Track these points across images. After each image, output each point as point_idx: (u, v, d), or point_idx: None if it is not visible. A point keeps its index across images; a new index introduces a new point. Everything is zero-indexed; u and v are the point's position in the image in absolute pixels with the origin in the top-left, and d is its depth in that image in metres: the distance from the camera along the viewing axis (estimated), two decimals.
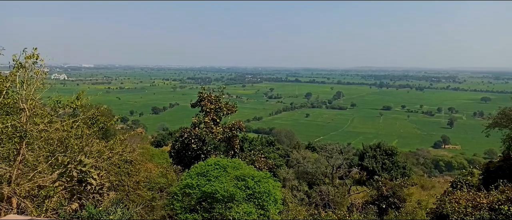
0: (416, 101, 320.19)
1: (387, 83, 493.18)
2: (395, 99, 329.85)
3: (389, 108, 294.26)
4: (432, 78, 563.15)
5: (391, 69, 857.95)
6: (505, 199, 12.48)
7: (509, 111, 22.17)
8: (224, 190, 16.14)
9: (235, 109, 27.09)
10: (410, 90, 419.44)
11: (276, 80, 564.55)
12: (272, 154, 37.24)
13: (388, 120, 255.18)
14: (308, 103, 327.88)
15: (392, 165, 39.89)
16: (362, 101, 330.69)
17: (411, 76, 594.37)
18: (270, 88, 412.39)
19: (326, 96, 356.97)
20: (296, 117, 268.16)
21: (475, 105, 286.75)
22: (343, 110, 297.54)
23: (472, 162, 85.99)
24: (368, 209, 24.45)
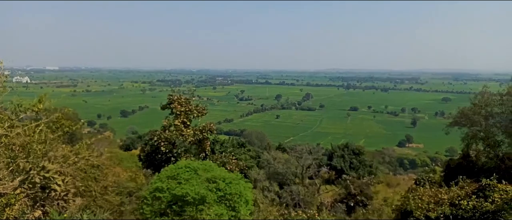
0: (381, 101, 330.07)
1: (353, 84, 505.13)
2: (362, 100, 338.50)
3: (356, 109, 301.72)
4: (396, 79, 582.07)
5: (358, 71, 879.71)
6: (464, 195, 13.16)
7: (468, 110, 23.32)
8: (195, 192, 16.00)
9: (206, 112, 26.91)
10: (376, 91, 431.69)
11: (247, 82, 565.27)
12: (243, 156, 37.33)
13: (355, 120, 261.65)
14: (278, 104, 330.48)
15: (360, 164, 41.01)
16: (330, 102, 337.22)
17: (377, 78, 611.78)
18: (240, 90, 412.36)
19: (295, 97, 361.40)
20: (267, 119, 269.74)
21: (436, 105, 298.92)
22: (312, 111, 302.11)
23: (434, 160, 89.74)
24: (337, 208, 25.03)
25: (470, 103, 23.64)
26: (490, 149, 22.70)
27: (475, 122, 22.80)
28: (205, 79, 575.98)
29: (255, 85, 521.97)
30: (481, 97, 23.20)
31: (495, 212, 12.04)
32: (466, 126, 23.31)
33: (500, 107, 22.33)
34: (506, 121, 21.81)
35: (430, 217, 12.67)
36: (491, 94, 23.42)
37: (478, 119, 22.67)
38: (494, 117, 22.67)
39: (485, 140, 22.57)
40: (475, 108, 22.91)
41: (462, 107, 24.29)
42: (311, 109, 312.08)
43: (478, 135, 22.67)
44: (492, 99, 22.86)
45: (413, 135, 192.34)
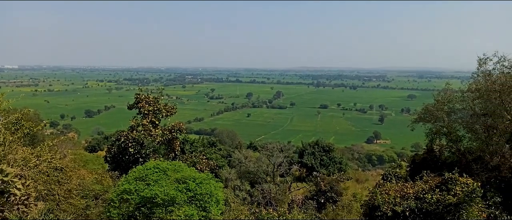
0: (350, 99, 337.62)
1: (323, 82, 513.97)
2: (331, 98, 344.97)
3: (326, 106, 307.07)
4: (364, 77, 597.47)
5: (327, 69, 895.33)
6: (428, 188, 13.63)
7: (431, 107, 24.10)
8: (164, 193, 15.72)
9: (175, 111, 26.46)
10: (345, 89, 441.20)
11: (217, 80, 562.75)
12: (214, 155, 37.03)
13: (325, 118, 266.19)
14: (249, 103, 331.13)
15: (330, 161, 41.61)
16: (300, 100, 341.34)
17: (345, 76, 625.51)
18: (211, 89, 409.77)
19: (266, 96, 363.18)
20: (238, 117, 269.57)
21: (402, 102, 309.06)
22: (283, 109, 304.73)
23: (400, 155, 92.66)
24: (308, 205, 25.28)
25: (433, 99, 24.47)
26: (452, 144, 23.59)
27: (438, 118, 23.61)
28: (174, 78, 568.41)
29: (226, 83, 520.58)
30: (443, 94, 24.03)
31: (457, 204, 12.54)
32: (430, 122, 24.08)
33: (461, 103, 23.23)
34: (467, 117, 22.72)
35: (397, 211, 13.03)
36: (453, 91, 24.31)
37: (441, 115, 23.49)
38: (456, 113, 23.56)
39: (448, 135, 23.42)
40: (438, 105, 23.72)
41: (426, 104, 25.08)
42: (282, 107, 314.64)
43: (441, 130, 23.50)
44: (454, 95, 23.74)
45: (380, 132, 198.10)
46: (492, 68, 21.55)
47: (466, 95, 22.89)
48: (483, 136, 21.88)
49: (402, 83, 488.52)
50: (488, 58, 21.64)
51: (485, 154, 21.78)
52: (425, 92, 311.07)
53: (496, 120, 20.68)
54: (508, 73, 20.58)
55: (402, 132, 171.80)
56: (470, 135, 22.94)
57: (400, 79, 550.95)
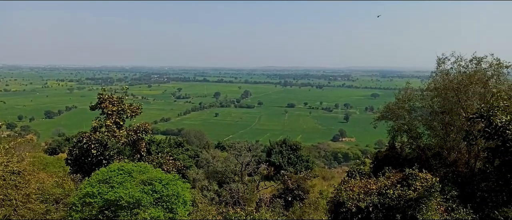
0: (316, 98, 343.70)
1: (290, 82, 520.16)
2: (298, 97, 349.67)
3: (293, 105, 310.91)
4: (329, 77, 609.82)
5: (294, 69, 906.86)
6: (390, 184, 14.14)
7: (393, 105, 25.04)
8: (129, 196, 15.35)
9: (140, 111, 25.86)
10: (311, 88, 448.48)
11: (184, 80, 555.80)
12: (181, 156, 36.54)
13: (292, 117, 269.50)
14: (217, 102, 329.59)
15: (297, 159, 42.11)
16: (268, 100, 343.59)
17: (312, 75, 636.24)
18: (178, 88, 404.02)
19: (234, 95, 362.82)
20: (205, 117, 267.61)
21: (366, 100, 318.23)
22: (251, 109, 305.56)
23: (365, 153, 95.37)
24: (275, 203, 25.50)
25: (394, 98, 25.43)
26: (413, 141, 24.61)
27: (400, 116, 24.57)
28: (139, 77, 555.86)
29: (193, 83, 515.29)
30: (404, 93, 25.05)
31: (417, 199, 13.09)
32: (391, 120, 25.01)
33: (421, 101, 24.29)
34: (427, 115, 23.79)
35: (360, 207, 13.42)
36: (413, 89, 25.39)
37: (402, 113, 24.45)
38: (416, 111, 24.60)
39: (409, 132, 24.41)
40: (399, 103, 24.69)
41: (388, 103, 26.01)
42: (249, 106, 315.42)
43: (402, 128, 24.46)
44: (414, 94, 24.80)
45: (346, 130, 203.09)
46: (449, 68, 22.67)
47: (425, 94, 23.94)
48: (441, 133, 22.95)
49: (366, 82, 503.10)
50: (446, 58, 22.74)
51: (443, 150, 22.87)
52: (387, 91, 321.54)
53: (453, 117, 21.75)
54: (465, 72, 21.69)
55: (366, 130, 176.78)
56: (429, 132, 24.01)
57: (364, 79, 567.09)
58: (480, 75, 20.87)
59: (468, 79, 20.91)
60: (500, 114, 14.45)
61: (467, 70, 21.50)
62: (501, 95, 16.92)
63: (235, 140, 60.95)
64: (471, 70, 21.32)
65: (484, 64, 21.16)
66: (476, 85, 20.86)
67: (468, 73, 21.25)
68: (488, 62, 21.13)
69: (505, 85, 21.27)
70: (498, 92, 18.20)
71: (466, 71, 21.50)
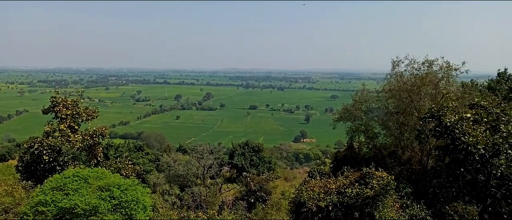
0: (278, 100, 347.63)
1: (252, 84, 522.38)
2: (260, 99, 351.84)
3: (255, 107, 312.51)
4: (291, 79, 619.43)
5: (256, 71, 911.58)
6: (349, 183, 14.57)
7: (350, 107, 25.88)
8: (85, 203, 14.75)
9: (97, 114, 24.90)
10: (273, 90, 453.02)
11: (144, 82, 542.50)
12: (141, 160, 35.66)
13: (254, 118, 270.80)
14: (178, 105, 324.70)
15: (259, 160, 42.34)
16: (230, 102, 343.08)
17: (273, 77, 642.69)
18: (137, 91, 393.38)
19: (196, 97, 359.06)
20: (166, 120, 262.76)
21: (326, 102, 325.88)
22: (213, 111, 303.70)
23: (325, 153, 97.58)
24: (238, 205, 25.46)
25: (352, 100, 26.30)
26: (369, 141, 25.54)
27: (357, 117, 25.44)
28: (96, 79, 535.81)
29: (153, 85, 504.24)
30: (361, 94, 25.97)
31: (374, 197, 13.58)
32: (349, 120, 25.85)
33: (377, 102, 25.29)
34: (382, 115, 24.78)
35: (320, 206, 13.71)
36: (369, 91, 26.38)
37: (359, 114, 25.33)
38: (373, 112, 25.57)
39: (366, 132, 25.32)
40: (356, 104, 25.57)
41: (346, 104, 26.85)
42: (211, 108, 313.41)
43: (359, 128, 25.33)
44: (370, 96, 25.77)
45: (307, 131, 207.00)
46: (403, 70, 23.76)
47: (381, 95, 24.93)
48: (396, 133, 23.97)
49: (326, 84, 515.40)
50: (400, 61, 23.80)
51: (398, 149, 23.90)
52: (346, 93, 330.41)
53: (407, 117, 22.79)
54: (417, 74, 22.80)
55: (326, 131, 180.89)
56: (385, 132, 25.01)
57: (324, 80, 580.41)
58: (431, 77, 22.00)
59: (421, 81, 21.99)
60: (449, 114, 15.29)
61: (420, 72, 22.61)
62: (450, 96, 17.95)
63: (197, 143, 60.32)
64: (423, 72, 22.44)
65: (435, 66, 22.35)
66: (428, 87, 21.98)
67: (420, 75, 22.35)
68: (438, 64, 22.34)
69: (454, 86, 22.59)
70: (448, 93, 19.32)
71: (419, 73, 22.61)
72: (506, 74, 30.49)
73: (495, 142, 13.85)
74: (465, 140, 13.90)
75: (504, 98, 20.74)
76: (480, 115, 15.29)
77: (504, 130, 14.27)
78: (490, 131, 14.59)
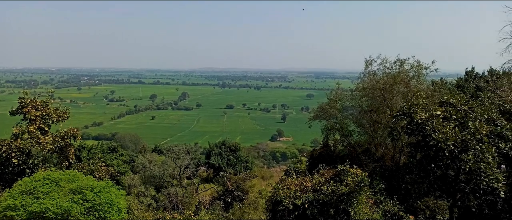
0: (255, 99, 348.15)
1: (229, 83, 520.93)
2: (237, 98, 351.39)
3: (232, 106, 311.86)
4: (267, 78, 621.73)
5: (232, 70, 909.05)
6: (324, 181, 14.78)
7: (325, 105, 26.31)
8: (56, 207, 14.32)
9: (68, 115, 24.18)
10: (250, 89, 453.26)
11: (118, 82, 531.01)
12: (115, 161, 34.97)
13: (231, 118, 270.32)
14: (154, 105, 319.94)
15: (236, 160, 42.33)
16: (207, 101, 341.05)
17: (250, 77, 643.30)
18: (110, 91, 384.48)
19: (171, 97, 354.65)
20: (141, 120, 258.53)
21: (302, 101, 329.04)
22: (189, 111, 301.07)
23: (301, 151, 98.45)
24: (215, 205, 25.37)
25: (327, 98, 26.73)
26: (344, 139, 26.04)
27: (332, 115, 25.89)
28: (67, 79, 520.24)
29: (127, 85, 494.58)
30: (335, 93, 26.45)
31: (349, 193, 13.84)
32: (325, 119, 26.29)
33: (351, 101, 25.81)
34: (356, 113, 25.30)
35: (297, 204, 13.86)
36: (344, 90, 26.89)
37: (334, 112, 25.78)
38: (347, 110, 26.08)
39: (341, 130, 25.80)
40: (331, 103, 26.02)
41: (321, 103, 27.28)
42: (188, 108, 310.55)
43: (334, 126, 25.80)
44: (344, 94, 26.27)
45: (283, 129, 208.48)
46: (376, 69, 24.35)
47: (354, 94, 25.45)
48: (370, 130, 24.53)
49: (302, 83, 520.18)
50: (373, 60, 24.36)
51: (371, 146, 24.45)
52: (321, 91, 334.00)
53: (380, 115, 23.35)
54: (389, 73, 23.40)
55: (302, 129, 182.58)
56: (359, 130, 25.56)
57: (299, 80, 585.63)
58: (403, 75, 22.64)
59: (392, 79, 22.59)
60: (420, 111, 15.74)
61: (392, 71, 23.23)
62: (421, 94, 18.49)
63: (173, 143, 59.70)
64: (395, 71, 23.07)
65: (406, 65, 23.01)
66: (400, 85, 22.61)
67: (392, 74, 22.96)
68: (409, 63, 23.02)
69: (425, 85, 23.35)
70: (418, 91, 19.91)
71: (391, 72, 23.23)
72: (473, 73, 31.74)
73: (464, 138, 14.35)
74: (435, 137, 14.33)
75: (472, 96, 21.56)
76: (449, 113, 15.81)
77: (472, 127, 14.80)
78: (459, 127, 15.11)
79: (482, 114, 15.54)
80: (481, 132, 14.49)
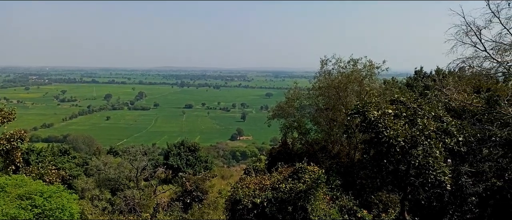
0: (214, 98, 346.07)
1: (187, 82, 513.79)
2: (196, 98, 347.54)
3: (191, 106, 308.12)
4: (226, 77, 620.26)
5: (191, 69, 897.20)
6: (283, 179, 15.01)
7: (283, 104, 26.76)
8: (2, 213, 13.47)
9: (14, 116, 22.75)
10: (209, 88, 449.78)
11: (69, 81, 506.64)
12: (67, 164, 33.54)
13: (190, 117, 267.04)
14: (109, 105, 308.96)
15: (196, 160, 42.00)
16: (165, 101, 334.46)
17: (209, 76, 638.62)
18: (61, 90, 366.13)
19: (127, 97, 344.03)
20: (95, 121, 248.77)
21: (261, 100, 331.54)
22: (146, 111, 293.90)
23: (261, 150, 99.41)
24: (174, 206, 25.02)
25: (285, 97, 27.20)
26: (302, 136, 26.62)
27: (290, 114, 26.39)
28: (14, 78, 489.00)
29: (80, 84, 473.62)
30: (293, 92, 26.96)
31: (306, 190, 14.16)
32: (283, 117, 26.73)
33: (308, 99, 26.43)
34: (313, 111, 25.93)
35: (256, 203, 13.97)
36: (301, 89, 27.47)
37: (292, 111, 26.30)
38: (304, 109, 26.69)
39: (298, 128, 26.35)
40: (289, 102, 26.52)
41: (279, 102, 27.70)
42: (145, 108, 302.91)
43: (293, 125, 26.30)
44: (301, 93, 26.85)
45: (243, 128, 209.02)
46: (331, 68, 25.07)
47: (311, 93, 26.08)
48: (326, 128, 25.23)
49: (261, 82, 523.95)
50: (328, 60, 25.07)
51: (328, 143, 25.16)
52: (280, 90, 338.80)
53: (336, 113, 24.09)
54: (344, 72, 24.18)
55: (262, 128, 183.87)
56: (316, 128, 26.22)
57: (259, 79, 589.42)
58: (356, 75, 23.50)
59: (347, 78, 23.39)
60: (373, 109, 16.38)
61: (346, 70, 24.04)
62: (373, 93, 19.26)
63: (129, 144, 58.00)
64: (349, 70, 23.88)
65: (359, 65, 23.89)
66: (353, 84, 23.45)
67: (346, 73, 23.77)
68: (362, 63, 23.92)
69: (377, 83, 24.36)
70: (371, 90, 20.73)
71: (345, 71, 24.03)
72: (422, 72, 33.57)
73: (413, 134, 15.12)
74: (387, 133, 14.97)
75: (421, 94, 22.74)
76: (400, 110, 16.57)
77: (421, 124, 15.61)
78: (409, 124, 15.89)
79: (430, 112, 16.44)
80: (429, 129, 15.32)
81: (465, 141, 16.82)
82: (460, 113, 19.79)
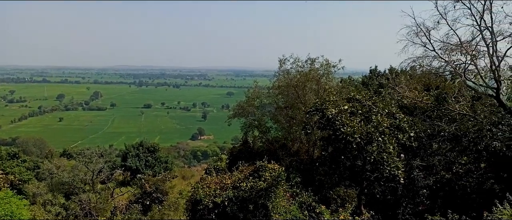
0: (174, 98, 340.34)
1: (146, 81, 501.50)
2: (155, 97, 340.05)
3: (150, 106, 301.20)
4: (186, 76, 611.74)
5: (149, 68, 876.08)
6: (243, 177, 15.07)
7: (244, 103, 26.84)
8: None
9: None
10: (168, 88, 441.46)
11: (18, 80, 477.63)
12: (17, 168, 31.75)
13: (149, 117, 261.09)
14: (61, 105, 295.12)
15: (155, 161, 41.17)
16: (122, 101, 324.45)
17: (168, 75, 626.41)
18: (9, 91, 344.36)
19: (82, 97, 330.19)
20: (47, 122, 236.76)
21: (222, 99, 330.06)
22: (102, 111, 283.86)
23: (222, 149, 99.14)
24: (132, 209, 24.41)
25: (245, 96, 27.29)
26: (263, 135, 26.83)
27: (250, 113, 26.50)
28: None
29: (29, 84, 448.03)
30: (253, 91, 27.11)
31: (267, 188, 14.31)
32: (244, 116, 26.80)
33: (268, 98, 26.68)
34: (273, 110, 26.21)
35: (217, 202, 13.93)
36: (261, 88, 27.66)
37: (252, 110, 26.42)
38: (265, 107, 26.91)
39: (259, 127, 26.54)
40: (249, 101, 26.64)
41: (239, 101, 27.74)
42: (101, 108, 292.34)
43: (253, 123, 26.45)
44: (261, 92, 27.05)
45: (204, 128, 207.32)
46: (290, 67, 25.48)
47: (271, 91, 26.36)
48: (286, 126, 25.61)
49: (222, 81, 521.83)
50: (286, 59, 25.44)
51: (288, 141, 25.55)
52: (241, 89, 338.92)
53: (295, 111, 24.51)
54: (302, 71, 24.65)
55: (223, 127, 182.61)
56: (276, 126, 26.54)
57: (219, 78, 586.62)
58: (314, 73, 24.04)
59: (305, 77, 23.88)
60: (330, 107, 16.86)
61: (304, 69, 24.52)
62: (331, 91, 19.83)
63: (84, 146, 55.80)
64: (306, 69, 24.38)
65: (316, 64, 24.46)
66: (311, 82, 23.97)
67: (304, 72, 24.25)
68: (319, 62, 24.49)
69: (334, 82, 25.06)
70: (329, 88, 21.32)
71: (303, 70, 24.50)
72: (376, 71, 34.95)
73: (368, 131, 15.73)
74: (344, 130, 15.47)
75: (375, 92, 23.66)
76: (356, 108, 17.19)
77: (375, 120, 16.28)
78: (364, 121, 16.52)
79: (384, 109, 17.18)
80: (383, 125, 16.02)
81: (416, 136, 17.76)
82: (412, 110, 20.85)
